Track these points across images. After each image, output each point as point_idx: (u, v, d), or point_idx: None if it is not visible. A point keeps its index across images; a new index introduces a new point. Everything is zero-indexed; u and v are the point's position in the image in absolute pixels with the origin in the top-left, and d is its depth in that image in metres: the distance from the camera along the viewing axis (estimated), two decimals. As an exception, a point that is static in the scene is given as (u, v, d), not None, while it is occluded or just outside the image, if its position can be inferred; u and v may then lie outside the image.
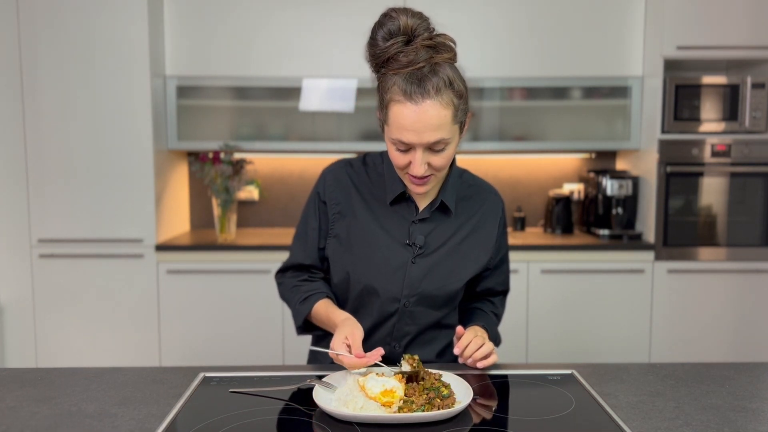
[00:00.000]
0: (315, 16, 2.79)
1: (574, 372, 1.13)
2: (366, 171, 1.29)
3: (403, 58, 1.08)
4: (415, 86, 1.07)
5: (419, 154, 1.10)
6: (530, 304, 2.73)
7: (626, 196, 2.91)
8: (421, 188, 1.17)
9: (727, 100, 2.75)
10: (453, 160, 1.26)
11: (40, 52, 2.61)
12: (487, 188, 1.34)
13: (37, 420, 0.92)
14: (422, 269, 1.21)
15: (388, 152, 1.17)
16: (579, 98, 2.89)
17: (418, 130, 1.07)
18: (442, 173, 1.18)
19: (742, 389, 1.05)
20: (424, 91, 1.06)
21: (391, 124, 1.10)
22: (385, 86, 1.11)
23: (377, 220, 1.24)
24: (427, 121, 1.07)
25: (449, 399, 0.95)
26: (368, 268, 1.22)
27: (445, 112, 1.08)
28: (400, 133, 1.09)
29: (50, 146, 2.65)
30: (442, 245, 1.24)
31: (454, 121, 1.11)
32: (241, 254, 2.69)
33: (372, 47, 1.11)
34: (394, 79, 1.09)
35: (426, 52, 1.08)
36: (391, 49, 1.08)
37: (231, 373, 1.11)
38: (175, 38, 2.81)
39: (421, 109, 1.06)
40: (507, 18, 2.84)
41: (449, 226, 1.25)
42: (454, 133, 1.12)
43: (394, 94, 1.09)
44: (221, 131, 2.87)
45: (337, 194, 1.26)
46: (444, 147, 1.11)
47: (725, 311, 2.76)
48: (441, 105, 1.07)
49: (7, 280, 2.70)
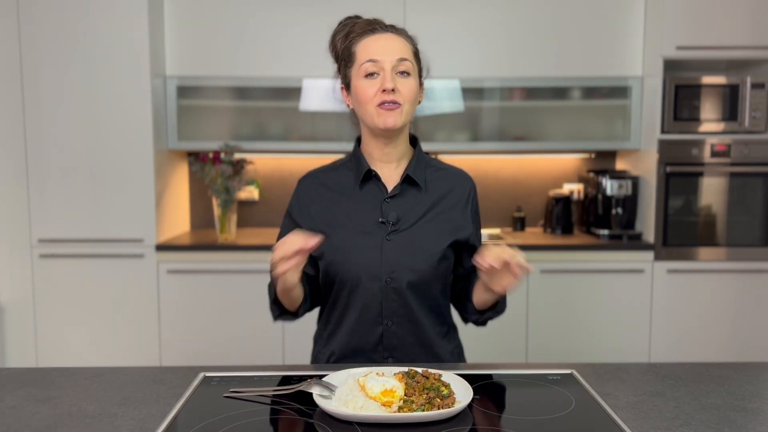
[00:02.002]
0: (315, 16, 2.79)
1: (573, 372, 1.13)
2: (334, 168, 1.35)
3: (357, 23, 1.26)
4: (378, 25, 1.24)
5: (388, 70, 1.19)
6: (530, 304, 2.73)
7: (626, 196, 2.91)
8: (392, 115, 1.20)
9: (727, 100, 2.75)
10: (419, 144, 1.33)
11: (40, 52, 2.61)
12: (458, 171, 1.37)
13: (37, 420, 0.92)
14: (398, 245, 1.24)
15: (356, 93, 1.23)
16: (579, 98, 2.89)
17: (385, 49, 1.21)
18: (409, 107, 1.23)
19: (742, 389, 1.05)
20: (386, 27, 1.24)
21: (359, 56, 1.22)
22: (350, 44, 1.24)
23: (350, 204, 1.27)
24: (392, 43, 1.22)
25: (449, 399, 0.95)
26: (346, 251, 1.24)
27: (408, 45, 1.24)
28: (368, 55, 1.20)
29: (50, 146, 2.65)
30: (416, 220, 1.26)
31: (415, 59, 1.24)
32: (241, 254, 2.70)
33: (332, 40, 1.29)
34: (358, 36, 1.24)
35: (382, 22, 1.27)
36: (346, 25, 1.27)
37: (231, 373, 1.11)
38: (175, 38, 2.81)
39: (387, 36, 1.23)
40: (507, 18, 2.84)
41: (422, 202, 1.28)
42: (416, 70, 1.24)
43: (359, 36, 1.23)
44: (221, 131, 2.87)
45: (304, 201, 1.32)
46: (409, 73, 1.22)
47: (725, 311, 2.76)
48: (403, 39, 1.24)
49: (7, 280, 2.70)
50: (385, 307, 1.25)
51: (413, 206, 1.27)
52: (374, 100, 1.20)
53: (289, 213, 1.34)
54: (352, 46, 1.23)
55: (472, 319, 1.35)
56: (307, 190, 1.33)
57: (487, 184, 3.22)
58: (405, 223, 1.26)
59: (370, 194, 1.28)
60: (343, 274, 1.25)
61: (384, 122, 1.21)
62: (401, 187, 1.28)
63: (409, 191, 1.28)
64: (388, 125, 1.21)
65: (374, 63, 1.19)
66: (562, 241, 2.81)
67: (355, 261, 1.23)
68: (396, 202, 1.27)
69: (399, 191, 1.28)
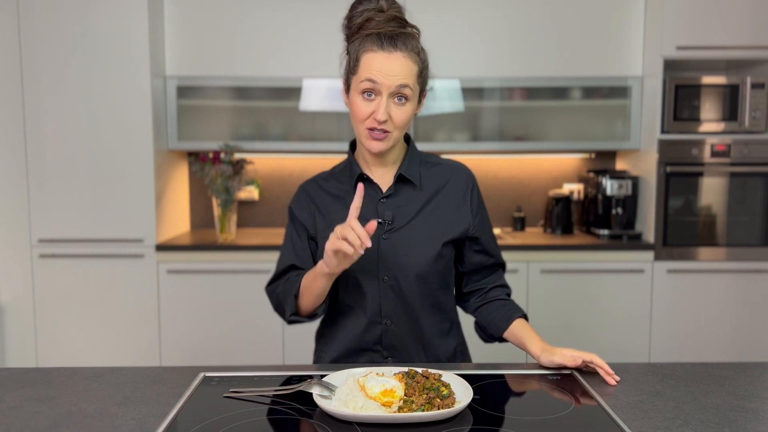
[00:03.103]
0: (315, 16, 2.79)
1: (574, 372, 1.13)
2: (332, 174, 1.36)
3: (376, 18, 1.20)
4: (388, 40, 1.19)
5: (384, 99, 1.18)
6: (530, 304, 2.73)
7: (626, 196, 2.91)
8: (378, 143, 1.21)
9: (727, 100, 2.75)
10: (412, 142, 1.33)
11: (40, 52, 2.61)
12: (454, 164, 1.37)
13: (37, 420, 0.92)
14: (394, 243, 1.25)
15: (352, 108, 1.23)
16: (579, 98, 2.89)
17: (388, 72, 1.17)
18: (399, 134, 1.23)
19: (742, 389, 1.05)
20: (395, 44, 1.19)
21: (361, 70, 1.19)
22: (357, 46, 1.21)
23: (347, 208, 1.26)
24: (396, 66, 1.18)
25: (449, 399, 0.95)
26: None
27: (413, 66, 1.20)
28: (369, 73, 1.18)
29: (50, 146, 2.65)
30: (412, 218, 1.27)
31: (418, 80, 1.22)
32: (241, 254, 2.70)
33: (349, 13, 1.24)
34: (367, 38, 1.20)
35: (396, 21, 1.21)
36: (366, 13, 1.21)
37: (231, 373, 1.11)
38: (175, 38, 2.81)
39: (393, 56, 1.18)
40: (507, 18, 2.84)
41: (417, 200, 1.29)
42: (416, 93, 1.22)
43: (367, 46, 1.19)
44: (221, 131, 2.87)
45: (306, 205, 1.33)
46: (407, 100, 1.20)
47: (725, 311, 2.76)
48: (410, 59, 1.20)
49: (7, 280, 2.70)
50: (383, 306, 1.26)
51: (408, 204, 1.28)
52: (366, 122, 1.20)
53: (293, 215, 1.35)
54: (359, 54, 1.21)
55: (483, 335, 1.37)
56: (307, 194, 1.35)
57: (487, 184, 3.22)
58: (400, 221, 1.27)
59: (365, 196, 1.28)
60: (342, 274, 1.25)
61: (370, 147, 1.22)
62: (395, 187, 1.29)
63: (404, 190, 1.29)
64: (374, 150, 1.22)
65: (373, 83, 1.18)
66: (562, 241, 2.81)
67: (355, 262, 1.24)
68: (391, 202, 1.28)
69: (393, 191, 1.29)
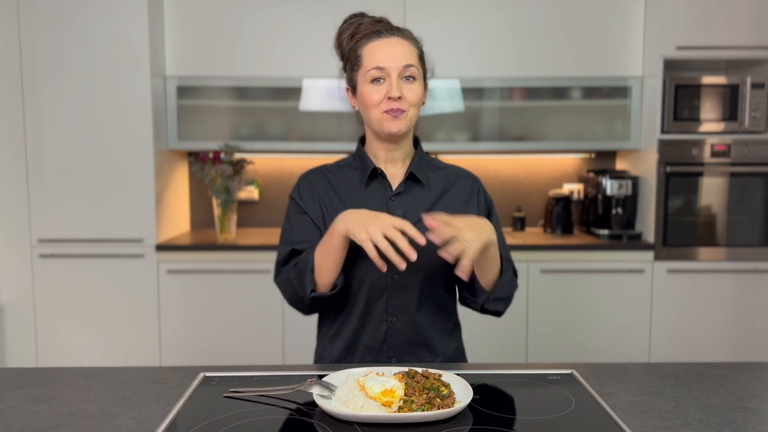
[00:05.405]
0: (315, 16, 2.79)
1: (573, 372, 1.13)
2: (339, 167, 1.36)
3: (364, 22, 1.27)
4: (385, 28, 1.25)
5: (394, 77, 1.22)
6: (530, 304, 2.73)
7: (626, 196, 2.91)
8: (397, 122, 1.23)
9: (727, 100, 2.75)
10: (420, 145, 1.35)
11: (40, 52, 2.61)
12: (459, 169, 1.39)
13: (37, 420, 0.92)
14: None
15: (362, 98, 1.25)
16: (579, 98, 2.89)
17: (391, 55, 1.22)
18: (414, 112, 1.26)
19: (742, 389, 1.05)
20: (392, 31, 1.25)
21: (366, 61, 1.23)
22: (356, 46, 1.26)
23: (356, 203, 1.27)
24: (398, 49, 1.23)
25: (449, 399, 0.95)
26: (354, 248, 1.22)
27: (413, 48, 1.25)
28: (374, 61, 1.22)
29: (50, 146, 2.65)
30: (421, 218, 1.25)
31: (420, 62, 1.26)
32: (241, 254, 2.69)
33: (338, 36, 1.30)
34: (363, 37, 1.25)
35: (384, 21, 1.29)
36: (353, 20, 1.28)
37: (231, 373, 1.11)
38: (175, 38, 2.81)
39: (393, 40, 1.24)
40: (507, 18, 2.84)
41: (425, 200, 1.30)
42: (421, 74, 1.26)
43: (366, 40, 1.24)
44: (221, 131, 2.87)
45: (312, 196, 1.32)
46: (414, 79, 1.24)
47: (725, 311, 2.76)
48: (409, 43, 1.25)
49: (7, 280, 2.70)
50: (390, 303, 1.26)
51: (417, 204, 1.29)
52: (380, 106, 1.23)
53: (296, 203, 1.32)
54: (359, 49, 1.25)
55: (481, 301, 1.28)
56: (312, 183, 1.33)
57: (487, 184, 3.22)
58: (410, 219, 1.26)
59: (375, 193, 1.30)
60: (351, 271, 1.25)
61: (389, 128, 1.24)
62: (405, 185, 1.30)
63: (413, 189, 1.31)
64: (393, 131, 1.24)
65: (380, 70, 1.22)
66: (562, 241, 2.81)
67: (363, 258, 1.23)
68: (401, 200, 1.29)
69: (404, 189, 1.30)
